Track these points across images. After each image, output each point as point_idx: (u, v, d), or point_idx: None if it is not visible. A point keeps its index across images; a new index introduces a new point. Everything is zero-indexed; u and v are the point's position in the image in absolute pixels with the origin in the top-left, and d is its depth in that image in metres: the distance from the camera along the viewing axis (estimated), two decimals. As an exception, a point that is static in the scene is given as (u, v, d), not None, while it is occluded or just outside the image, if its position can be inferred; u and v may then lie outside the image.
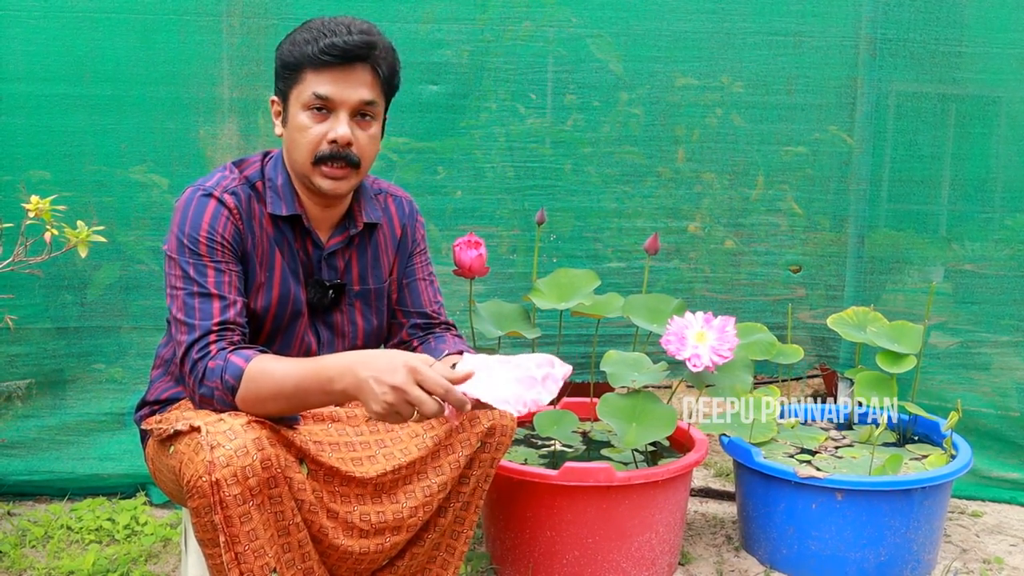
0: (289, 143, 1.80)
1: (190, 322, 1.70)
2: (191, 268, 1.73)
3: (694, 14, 2.90)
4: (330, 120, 1.76)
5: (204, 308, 1.71)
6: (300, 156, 1.78)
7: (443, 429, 1.86)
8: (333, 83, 1.73)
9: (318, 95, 1.73)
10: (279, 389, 1.63)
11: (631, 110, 2.94)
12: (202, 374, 1.67)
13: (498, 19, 2.84)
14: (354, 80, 1.75)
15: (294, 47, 1.75)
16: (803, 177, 3.03)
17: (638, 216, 2.99)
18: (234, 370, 1.65)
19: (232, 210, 1.77)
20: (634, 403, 2.41)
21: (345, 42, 1.71)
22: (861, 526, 2.35)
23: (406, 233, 2.00)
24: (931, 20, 2.90)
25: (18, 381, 2.78)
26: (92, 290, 2.76)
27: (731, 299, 3.06)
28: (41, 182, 2.64)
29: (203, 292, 1.72)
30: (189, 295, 1.72)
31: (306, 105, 1.75)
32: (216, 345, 1.68)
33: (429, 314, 2.00)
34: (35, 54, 2.64)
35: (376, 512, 1.77)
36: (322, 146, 1.75)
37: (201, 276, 1.73)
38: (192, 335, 1.69)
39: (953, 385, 2.97)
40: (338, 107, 1.75)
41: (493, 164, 2.89)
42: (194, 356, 1.68)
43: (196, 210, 1.75)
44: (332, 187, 1.79)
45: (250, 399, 1.65)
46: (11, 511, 2.73)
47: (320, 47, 1.71)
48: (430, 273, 2.04)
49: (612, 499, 2.26)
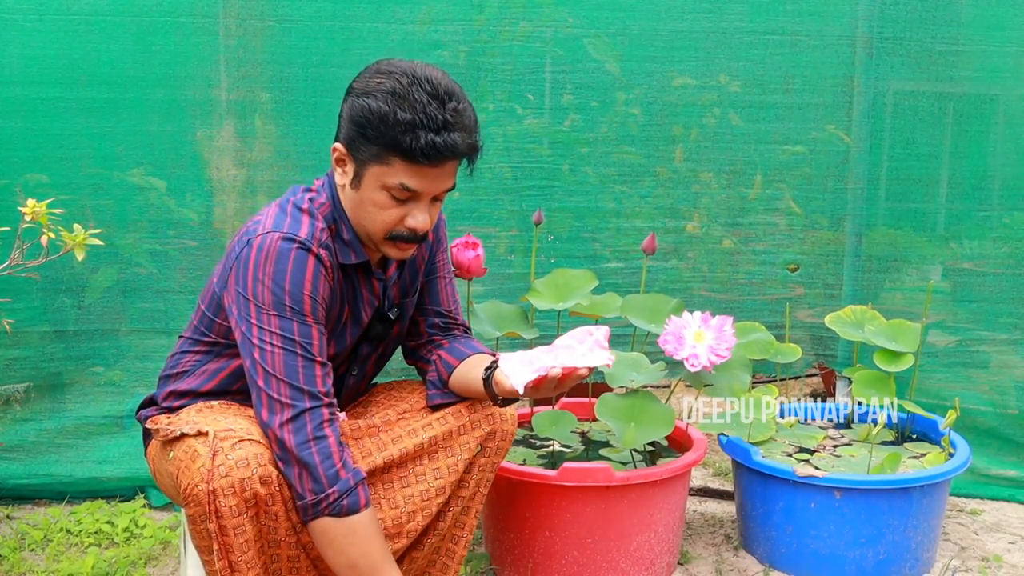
0: (359, 210, 1.73)
1: (298, 386, 1.64)
2: (295, 328, 1.66)
3: (691, 14, 2.89)
4: (410, 205, 1.70)
5: (309, 374, 1.66)
6: (372, 228, 1.73)
7: (441, 429, 1.86)
8: (423, 178, 1.67)
9: (407, 187, 1.67)
10: (359, 559, 1.64)
11: (629, 110, 2.94)
12: (315, 449, 1.62)
13: (495, 19, 2.83)
14: (443, 174, 1.69)
15: (385, 127, 1.63)
16: (801, 176, 3.03)
17: (636, 216, 2.99)
18: (354, 502, 1.64)
19: (327, 268, 1.72)
20: (632, 403, 2.41)
21: (447, 144, 1.63)
22: (860, 524, 2.35)
23: (433, 235, 2.00)
24: (928, 19, 2.90)
25: (16, 385, 2.78)
26: (90, 293, 2.75)
27: (729, 298, 3.06)
28: (38, 185, 2.64)
29: (308, 356, 1.66)
30: (291, 355, 1.65)
31: (388, 188, 1.68)
32: (329, 424, 1.65)
33: (446, 312, 2.00)
34: (31, 57, 2.63)
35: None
36: (398, 228, 1.71)
37: (306, 339, 1.67)
38: (302, 403, 1.64)
39: (951, 383, 2.96)
40: (422, 198, 1.70)
41: (491, 165, 2.89)
42: (310, 425, 1.63)
43: (296, 265, 1.67)
44: (400, 255, 1.77)
45: (331, 538, 1.64)
46: (10, 514, 2.72)
47: (421, 145, 1.62)
48: (450, 271, 2.04)
49: (611, 499, 2.26)
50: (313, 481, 1.61)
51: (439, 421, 1.87)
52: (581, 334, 1.73)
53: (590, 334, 1.71)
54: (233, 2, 2.69)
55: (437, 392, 1.91)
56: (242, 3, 2.70)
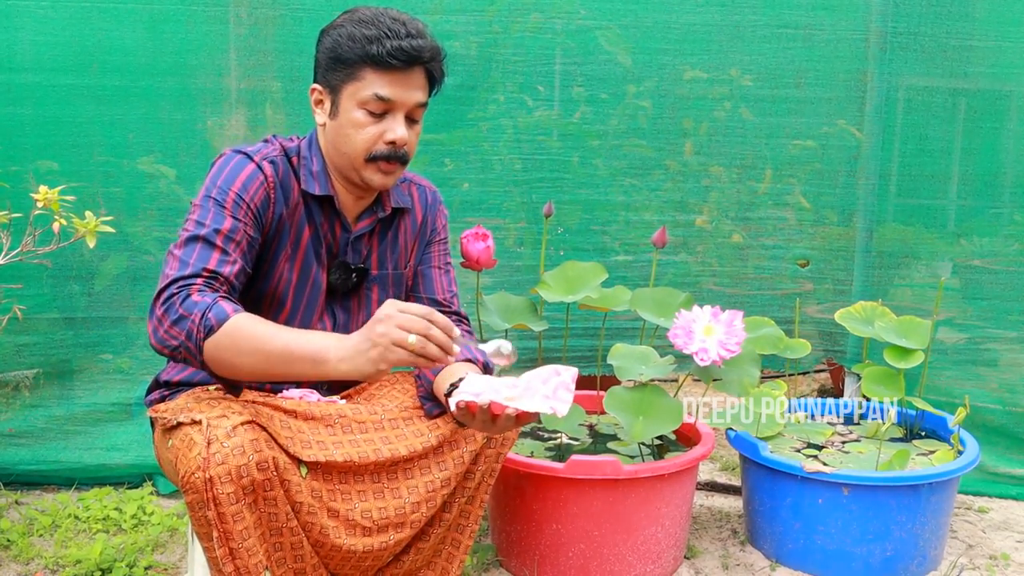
0: (339, 136, 1.80)
1: (185, 259, 1.65)
2: (209, 214, 1.70)
3: (703, 6, 2.88)
4: (387, 120, 1.77)
5: (204, 254, 1.66)
6: (352, 151, 1.78)
7: (448, 428, 1.86)
8: (394, 85, 1.75)
9: (380, 96, 1.75)
10: (262, 346, 1.57)
11: (639, 102, 2.93)
12: (179, 305, 1.59)
13: (507, 10, 2.83)
14: (412, 83, 1.77)
15: (353, 43, 1.73)
16: (812, 171, 3.02)
17: (645, 209, 2.99)
18: (219, 312, 1.58)
19: (268, 177, 1.77)
20: (641, 396, 2.41)
21: (412, 47, 1.73)
22: (867, 521, 2.34)
23: (427, 221, 2.02)
24: (942, 14, 2.89)
25: (26, 371, 2.79)
26: (100, 280, 2.76)
27: (738, 293, 3.06)
28: (49, 172, 2.65)
29: (209, 240, 1.67)
30: (194, 238, 1.67)
31: (364, 103, 1.75)
32: (199, 289, 1.62)
33: (440, 302, 2.00)
34: (44, 44, 2.64)
35: (378, 508, 1.75)
36: (378, 145, 1.78)
37: (216, 224, 1.69)
38: (181, 271, 1.63)
39: (961, 381, 2.96)
40: (396, 108, 1.77)
41: (500, 156, 2.89)
42: (173, 290, 1.61)
43: (233, 168, 1.75)
44: (383, 182, 1.82)
45: (224, 348, 1.57)
46: (19, 500, 2.73)
47: (387, 49, 1.71)
48: (447, 263, 2.05)
49: (619, 492, 2.26)
50: (179, 326, 1.59)
51: (444, 420, 1.87)
52: (548, 373, 1.65)
53: (557, 374, 1.64)
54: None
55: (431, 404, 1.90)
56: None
